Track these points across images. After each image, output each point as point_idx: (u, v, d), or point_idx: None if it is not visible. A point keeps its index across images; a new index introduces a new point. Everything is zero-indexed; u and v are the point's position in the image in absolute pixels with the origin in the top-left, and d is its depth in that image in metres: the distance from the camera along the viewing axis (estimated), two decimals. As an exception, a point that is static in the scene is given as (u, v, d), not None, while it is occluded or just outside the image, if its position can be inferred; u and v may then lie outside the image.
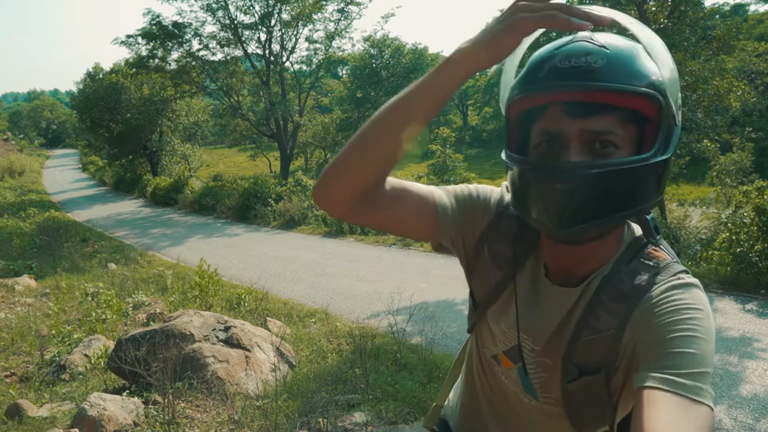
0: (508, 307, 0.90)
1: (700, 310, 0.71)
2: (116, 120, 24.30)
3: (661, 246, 0.83)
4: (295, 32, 20.94)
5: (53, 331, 5.46)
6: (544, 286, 0.87)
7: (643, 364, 0.68)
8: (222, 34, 20.48)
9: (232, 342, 4.30)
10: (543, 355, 0.86)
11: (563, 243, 0.79)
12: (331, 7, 20.46)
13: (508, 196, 0.92)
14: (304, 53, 21.93)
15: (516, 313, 0.88)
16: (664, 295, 0.73)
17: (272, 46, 20.86)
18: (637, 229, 0.85)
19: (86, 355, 4.69)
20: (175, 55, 20.87)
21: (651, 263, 0.79)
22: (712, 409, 0.62)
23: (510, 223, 0.91)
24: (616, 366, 0.77)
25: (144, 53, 20.63)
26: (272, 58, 20.96)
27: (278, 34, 20.80)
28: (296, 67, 22.62)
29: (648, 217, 0.78)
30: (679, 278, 0.76)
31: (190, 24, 20.15)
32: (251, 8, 20.01)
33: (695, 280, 0.77)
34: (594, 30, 0.70)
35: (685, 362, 0.64)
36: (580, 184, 0.70)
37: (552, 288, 0.85)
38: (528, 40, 0.74)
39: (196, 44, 20.62)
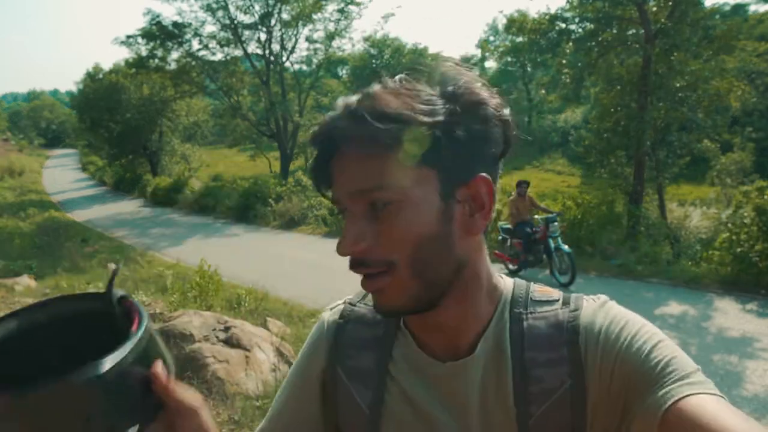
0: (405, 417, 0.69)
1: (651, 325, 0.63)
2: (116, 120, 24.33)
3: (541, 285, 0.73)
4: (295, 32, 20.96)
5: (53, 331, 5.45)
6: (431, 368, 0.68)
7: (640, 393, 0.57)
8: (222, 34, 20.51)
9: (232, 342, 4.30)
10: None
11: (390, 317, 0.65)
12: (331, 7, 20.49)
13: (341, 307, 0.79)
14: (304, 53, 21.97)
15: (421, 412, 0.68)
16: (604, 320, 0.63)
17: (272, 46, 20.88)
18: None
19: (86, 355, 4.68)
20: (175, 55, 20.92)
21: (548, 298, 0.68)
22: (724, 399, 0.55)
23: (356, 328, 0.75)
24: (587, 426, 0.62)
25: (144, 53, 20.66)
26: (272, 58, 20.97)
27: (278, 34, 20.82)
28: (296, 67, 22.68)
29: None
30: (594, 299, 0.67)
31: (190, 24, 20.18)
32: (251, 8, 20.03)
33: (606, 297, 0.68)
34: None
35: (684, 365, 0.56)
36: None
37: (443, 367, 0.67)
38: None
39: (196, 44, 20.67)
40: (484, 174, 0.63)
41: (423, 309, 0.63)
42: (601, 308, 0.65)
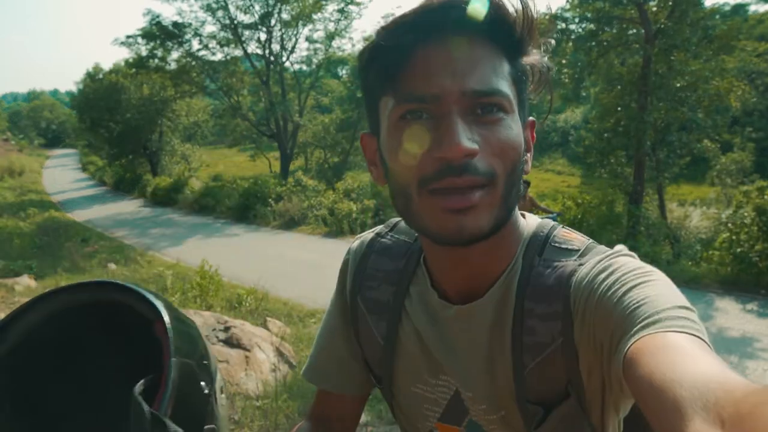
0: (415, 353, 0.69)
1: (645, 269, 0.56)
2: (116, 120, 24.31)
3: (569, 228, 0.67)
4: (295, 32, 20.96)
5: (53, 331, 5.44)
6: (441, 310, 0.66)
7: (614, 343, 0.51)
8: (222, 34, 20.51)
9: (231, 342, 4.30)
10: (481, 402, 0.66)
11: (464, 245, 0.57)
12: (331, 7, 20.49)
13: (369, 236, 0.78)
14: (304, 53, 22.03)
15: (428, 351, 0.68)
16: (595, 270, 0.57)
17: (272, 46, 20.88)
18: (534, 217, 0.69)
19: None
20: (175, 55, 20.91)
21: (568, 246, 0.63)
22: (697, 337, 0.46)
23: (378, 260, 0.74)
24: (583, 380, 0.60)
25: (144, 53, 20.66)
26: (272, 58, 20.97)
27: (278, 34, 20.82)
28: (296, 67, 22.66)
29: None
30: (607, 250, 0.61)
31: (190, 24, 20.18)
32: (251, 8, 20.03)
33: (623, 248, 0.61)
34: None
35: (657, 304, 0.49)
36: None
37: (452, 309, 0.65)
38: None
39: (196, 44, 20.66)
40: (533, 118, 0.63)
41: (486, 237, 0.56)
42: (602, 259, 0.59)
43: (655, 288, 0.52)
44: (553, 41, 0.62)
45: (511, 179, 0.56)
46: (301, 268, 9.04)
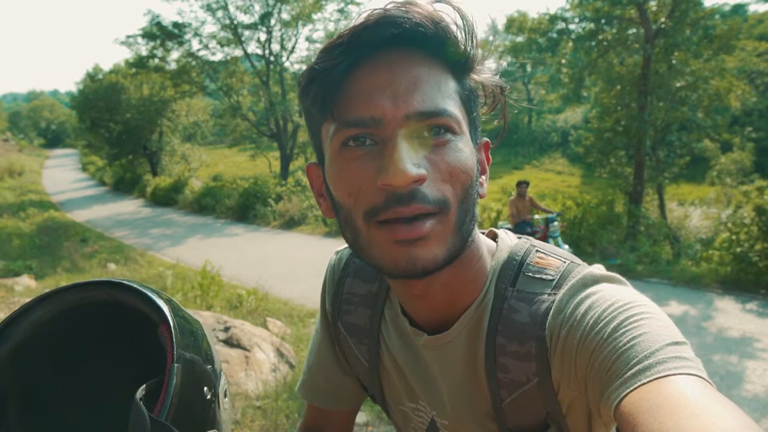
0: (394, 378, 0.70)
1: (628, 300, 0.52)
2: (116, 120, 24.32)
3: (545, 251, 0.62)
4: (295, 32, 20.97)
5: (53, 332, 5.44)
6: (413, 337, 0.65)
7: (603, 386, 0.49)
8: (222, 34, 20.51)
9: (231, 342, 4.30)
10: (457, 430, 0.65)
11: (418, 278, 0.54)
12: (331, 7, 20.50)
13: (346, 257, 0.77)
14: (304, 53, 21.94)
15: (405, 377, 0.68)
16: (573, 303, 0.54)
17: (272, 46, 20.89)
18: (510, 237, 0.66)
19: (86, 356, 4.67)
20: (174, 54, 20.92)
21: (543, 276, 0.59)
22: (695, 375, 0.44)
23: (353, 283, 0.73)
24: (564, 413, 0.58)
25: (144, 53, 20.68)
26: (272, 58, 20.98)
27: (278, 34, 20.83)
28: (296, 67, 22.65)
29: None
30: (582, 278, 0.57)
31: (190, 24, 20.19)
32: (251, 8, 20.03)
33: (598, 272, 0.57)
34: None
35: (649, 343, 0.47)
36: None
37: (423, 337, 0.63)
38: None
39: (195, 44, 20.69)
40: (487, 139, 0.61)
41: (440, 268, 0.53)
42: (580, 288, 0.56)
43: (644, 324, 0.49)
44: (505, 63, 0.59)
45: (465, 205, 0.53)
46: (301, 268, 9.03)
